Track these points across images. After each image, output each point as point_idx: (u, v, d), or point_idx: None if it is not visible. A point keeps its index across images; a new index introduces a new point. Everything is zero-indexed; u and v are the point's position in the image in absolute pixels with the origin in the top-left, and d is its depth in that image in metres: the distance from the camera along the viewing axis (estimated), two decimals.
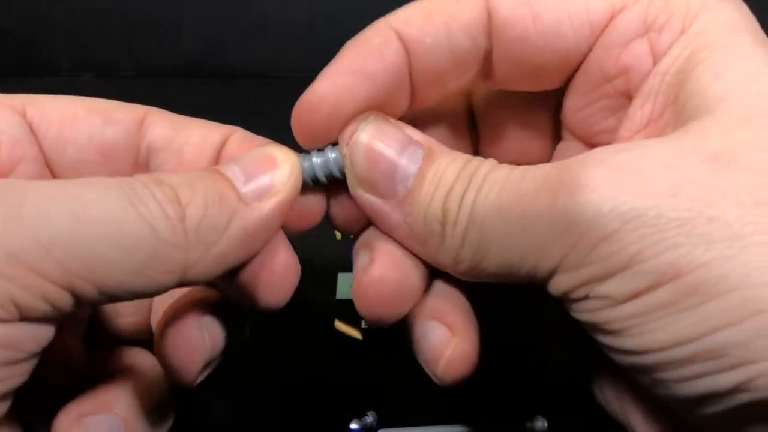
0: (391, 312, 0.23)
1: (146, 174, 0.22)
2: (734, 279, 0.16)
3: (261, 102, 0.62)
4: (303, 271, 0.25)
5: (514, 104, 0.26)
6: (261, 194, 0.22)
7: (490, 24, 0.22)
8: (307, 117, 0.23)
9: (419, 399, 0.34)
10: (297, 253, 0.25)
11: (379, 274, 0.23)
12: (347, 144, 0.23)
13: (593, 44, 0.23)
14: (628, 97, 0.23)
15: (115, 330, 0.27)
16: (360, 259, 0.24)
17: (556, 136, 0.27)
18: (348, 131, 0.23)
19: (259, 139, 0.27)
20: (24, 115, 0.24)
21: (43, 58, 0.67)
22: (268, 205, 0.22)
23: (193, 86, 0.64)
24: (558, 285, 0.19)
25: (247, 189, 0.22)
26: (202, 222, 0.21)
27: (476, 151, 0.28)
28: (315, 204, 0.25)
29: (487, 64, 0.24)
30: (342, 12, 0.65)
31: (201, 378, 0.24)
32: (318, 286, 0.40)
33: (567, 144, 0.26)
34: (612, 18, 0.22)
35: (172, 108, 0.27)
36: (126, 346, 0.28)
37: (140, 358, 0.27)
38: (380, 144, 0.23)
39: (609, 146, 0.19)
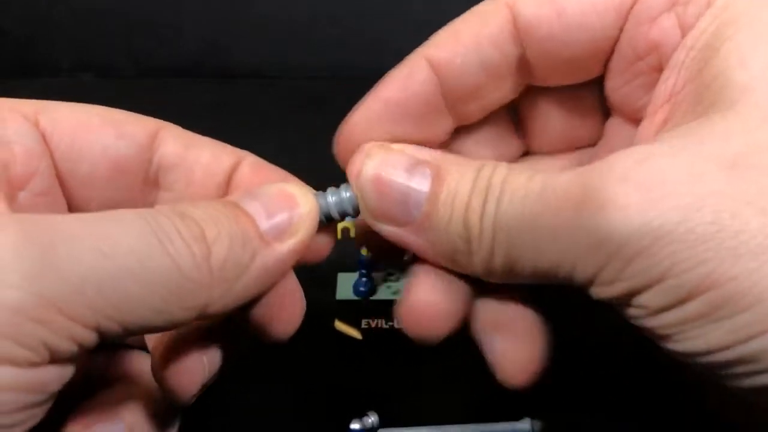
0: (434, 333, 0.24)
1: (168, 206, 0.21)
2: (759, 291, 0.17)
3: (261, 102, 0.62)
4: (303, 271, 0.25)
5: (558, 92, 0.25)
6: (281, 233, 0.22)
7: (516, 29, 0.23)
8: (344, 146, 0.24)
9: (419, 399, 0.34)
10: None
11: (415, 300, 0.23)
12: (356, 181, 0.23)
13: (622, 26, 0.22)
14: (661, 72, 0.22)
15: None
16: (407, 283, 0.24)
17: (604, 115, 0.26)
18: (354, 168, 0.24)
19: (271, 167, 0.27)
20: (36, 124, 0.24)
21: (43, 58, 0.67)
22: (287, 246, 0.22)
23: (193, 86, 0.64)
24: (597, 294, 0.20)
25: (267, 227, 0.22)
26: (226, 261, 0.21)
27: (524, 140, 0.27)
28: (325, 240, 0.25)
29: (524, 68, 0.24)
30: (342, 12, 0.65)
31: (195, 397, 0.24)
32: (318, 287, 0.40)
33: (615, 122, 0.26)
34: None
35: (172, 108, 0.27)
36: (126, 349, 0.28)
37: (142, 363, 0.27)
38: (386, 174, 0.23)
39: (628, 153, 0.19)
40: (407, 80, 0.23)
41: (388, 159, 0.23)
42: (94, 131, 0.24)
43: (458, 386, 0.35)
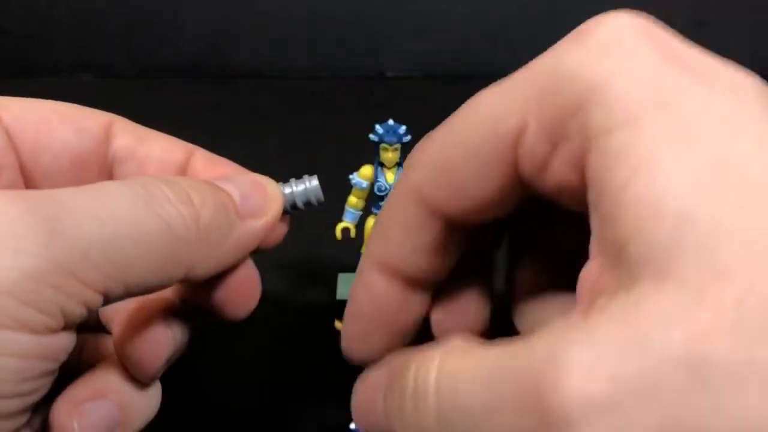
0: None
1: (153, 176, 0.23)
2: None
3: (261, 102, 0.62)
4: (303, 271, 0.25)
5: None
6: (253, 213, 0.25)
7: (430, 208, 0.23)
8: (355, 357, 0.26)
9: None
10: (298, 254, 0.26)
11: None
12: None
13: (515, 179, 0.21)
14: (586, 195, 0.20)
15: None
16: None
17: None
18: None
19: (224, 160, 0.28)
20: (0, 120, 0.25)
21: (43, 58, 0.67)
22: (258, 223, 0.25)
23: (193, 86, 0.64)
24: None
25: (242, 205, 0.25)
26: (211, 225, 0.23)
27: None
28: (281, 227, 0.27)
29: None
30: (342, 12, 0.65)
31: (160, 372, 0.25)
32: (318, 287, 0.40)
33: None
34: (515, 150, 0.20)
35: (172, 108, 0.27)
36: (102, 334, 0.28)
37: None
38: (364, 388, 0.25)
39: (575, 366, 0.16)
40: (367, 291, 0.25)
41: (367, 382, 0.25)
42: (55, 128, 0.26)
43: None
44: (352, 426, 0.33)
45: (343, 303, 0.33)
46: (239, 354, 0.37)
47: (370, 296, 0.25)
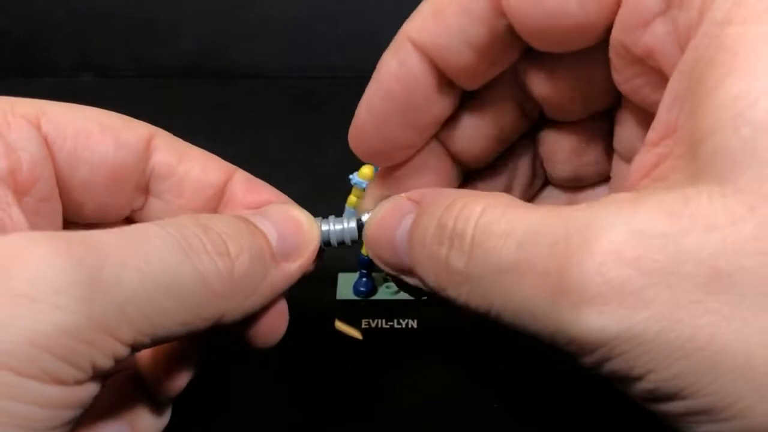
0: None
1: (191, 218, 0.22)
2: (740, 408, 0.16)
3: (261, 102, 0.62)
4: (307, 274, 0.26)
5: (569, 73, 0.24)
6: (288, 255, 0.24)
7: (500, 4, 0.21)
8: (360, 146, 0.25)
9: (419, 399, 0.34)
10: None
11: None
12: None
13: (607, 23, 0.21)
14: (662, 75, 0.20)
15: None
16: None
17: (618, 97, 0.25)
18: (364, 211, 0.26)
19: (263, 183, 0.28)
20: (39, 128, 0.24)
21: (43, 58, 0.67)
22: (294, 266, 0.25)
23: (193, 86, 0.64)
24: (583, 366, 0.19)
25: (278, 248, 0.24)
26: (245, 276, 0.22)
27: (540, 125, 0.27)
28: (315, 262, 0.27)
29: (516, 36, 0.23)
30: (342, 12, 0.65)
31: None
32: (318, 287, 0.40)
33: (625, 112, 0.24)
34: None
35: (172, 108, 0.27)
36: None
37: (129, 362, 0.28)
38: (381, 227, 0.24)
39: (610, 231, 0.17)
40: (400, 68, 0.23)
41: (383, 212, 0.24)
42: (94, 139, 0.25)
43: (459, 386, 0.35)
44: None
45: (342, 303, 0.33)
46: (239, 354, 0.37)
47: (400, 74, 0.23)
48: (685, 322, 0.16)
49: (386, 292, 0.39)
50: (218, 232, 0.22)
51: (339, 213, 0.36)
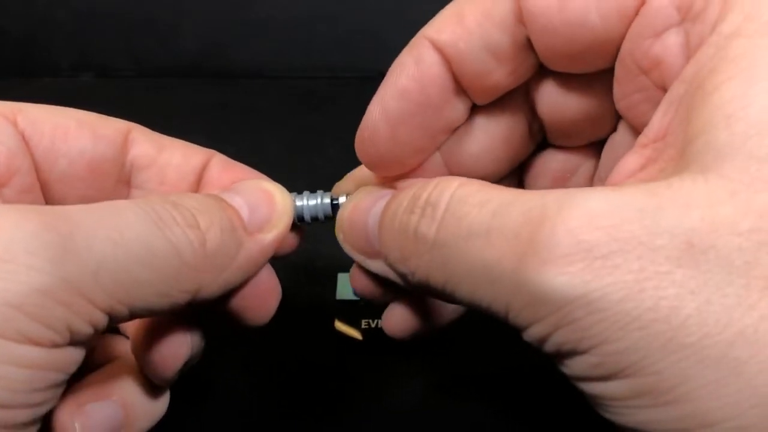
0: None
1: (159, 196, 0.23)
2: (686, 391, 0.16)
3: (261, 102, 0.62)
4: (303, 271, 0.25)
5: (571, 79, 0.24)
6: (262, 226, 0.25)
7: (522, 14, 0.21)
8: (369, 149, 0.24)
9: (419, 399, 0.34)
10: (298, 254, 0.26)
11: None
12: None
13: (625, 32, 0.21)
14: (664, 91, 0.20)
15: None
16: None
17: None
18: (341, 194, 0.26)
19: (239, 165, 0.28)
20: (15, 124, 0.24)
21: (43, 58, 0.67)
22: (268, 238, 0.25)
23: (193, 86, 0.64)
24: (527, 339, 0.19)
25: (251, 220, 0.24)
26: (217, 248, 0.22)
27: (542, 145, 0.27)
28: (293, 237, 0.27)
29: (533, 49, 0.23)
30: (342, 12, 0.65)
31: (176, 376, 0.26)
32: (318, 287, 0.40)
33: (618, 136, 0.24)
34: (642, 2, 0.20)
35: (172, 108, 0.27)
36: (107, 334, 0.29)
37: (125, 346, 0.28)
38: (355, 211, 0.24)
39: (584, 203, 0.17)
40: (417, 67, 0.23)
41: (360, 197, 0.24)
42: (72, 134, 0.25)
43: (459, 386, 0.35)
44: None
45: (342, 303, 0.33)
46: (238, 353, 0.37)
47: (417, 72, 0.23)
48: (649, 292, 0.16)
49: None
50: (187, 207, 0.22)
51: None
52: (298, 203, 0.26)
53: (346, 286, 0.40)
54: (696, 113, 0.17)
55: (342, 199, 0.26)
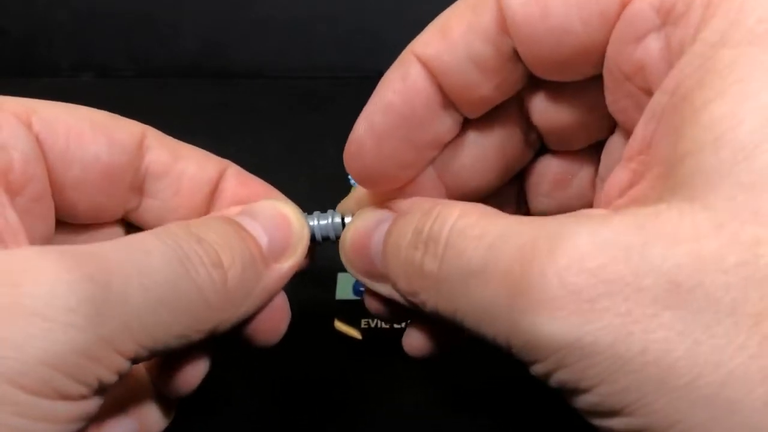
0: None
1: (181, 228, 0.22)
2: (680, 431, 0.16)
3: (261, 102, 0.62)
4: (303, 270, 0.25)
5: (571, 102, 0.24)
6: (279, 256, 0.24)
7: (505, 24, 0.21)
8: (356, 164, 0.24)
9: (419, 399, 0.34)
10: None
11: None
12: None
13: (608, 37, 0.20)
14: (650, 95, 0.20)
15: None
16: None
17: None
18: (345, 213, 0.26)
19: (254, 178, 0.28)
20: (30, 126, 0.24)
21: (43, 58, 0.67)
22: (285, 267, 0.25)
23: (193, 86, 0.64)
24: (534, 374, 0.19)
25: (268, 250, 0.24)
26: (238, 285, 0.22)
27: (540, 150, 0.26)
28: (305, 257, 0.27)
29: (521, 60, 0.22)
30: (342, 12, 0.65)
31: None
32: (318, 286, 0.40)
33: (616, 138, 0.24)
34: (624, 5, 0.19)
35: (172, 108, 0.27)
36: None
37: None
38: (357, 234, 0.24)
39: (575, 239, 0.17)
40: (403, 82, 0.23)
41: (360, 221, 0.24)
42: (87, 138, 0.25)
43: (459, 386, 0.35)
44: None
45: (342, 303, 0.33)
46: (238, 353, 0.37)
47: (403, 87, 0.22)
48: (638, 335, 0.16)
49: None
50: (210, 243, 0.22)
51: None
52: (310, 223, 0.26)
53: (345, 286, 0.40)
54: (684, 130, 0.17)
55: (348, 220, 0.26)
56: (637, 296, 0.16)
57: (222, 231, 0.23)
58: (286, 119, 0.60)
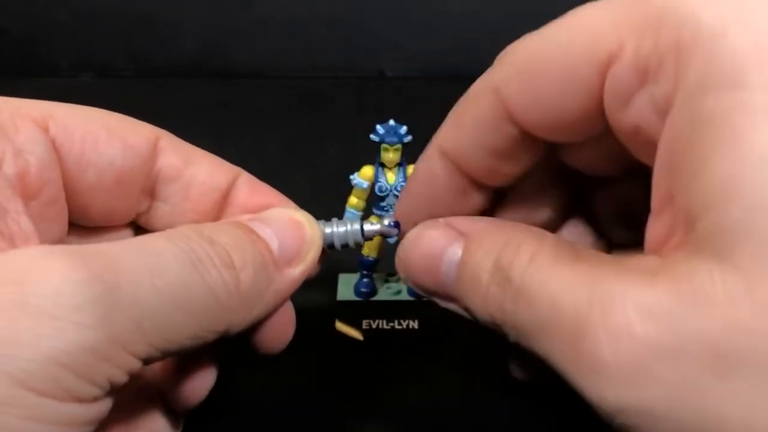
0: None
1: (193, 230, 0.22)
2: None
3: (261, 102, 0.62)
4: (312, 278, 0.26)
5: (596, 146, 0.24)
6: (291, 260, 0.24)
7: (507, 112, 0.22)
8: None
9: (419, 399, 0.34)
10: None
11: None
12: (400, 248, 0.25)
13: (599, 107, 0.20)
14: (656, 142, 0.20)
15: None
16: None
17: None
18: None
19: (266, 186, 0.28)
20: (46, 130, 0.24)
21: (43, 58, 0.67)
22: (296, 271, 0.25)
23: (193, 86, 0.64)
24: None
25: (280, 254, 0.24)
26: (250, 287, 0.22)
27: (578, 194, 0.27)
28: (317, 264, 0.27)
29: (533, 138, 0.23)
30: (342, 12, 0.65)
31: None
32: (319, 288, 0.40)
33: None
34: (605, 73, 0.19)
35: (172, 108, 0.27)
36: None
37: (144, 370, 0.28)
38: (424, 244, 0.24)
39: (620, 313, 0.17)
40: (427, 174, 0.24)
41: (424, 238, 0.24)
42: (102, 143, 0.25)
43: (461, 387, 0.35)
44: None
45: (343, 303, 0.33)
46: (238, 353, 0.37)
47: (429, 180, 0.24)
48: (692, 402, 0.16)
49: (387, 292, 0.39)
50: (222, 245, 0.22)
51: (339, 214, 0.36)
52: (327, 230, 0.26)
53: (346, 287, 0.40)
54: (693, 188, 0.17)
55: (371, 226, 0.26)
56: (685, 364, 0.16)
57: (233, 234, 0.23)
58: (286, 119, 0.60)
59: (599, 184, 0.26)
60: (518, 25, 0.25)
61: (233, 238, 0.23)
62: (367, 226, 0.26)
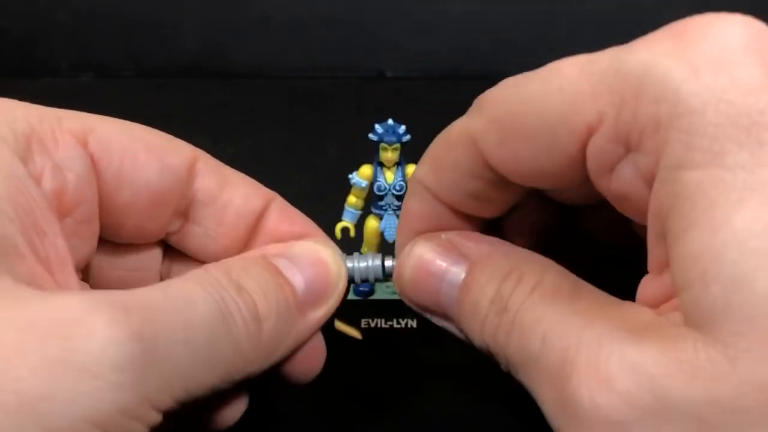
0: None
1: (224, 274, 0.22)
2: None
3: (261, 102, 0.62)
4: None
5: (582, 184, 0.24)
6: (315, 303, 0.24)
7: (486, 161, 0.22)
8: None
9: (419, 399, 0.34)
10: None
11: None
12: (398, 264, 0.25)
13: (581, 170, 0.20)
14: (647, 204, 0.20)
15: None
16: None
17: None
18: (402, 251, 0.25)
19: (296, 213, 0.27)
20: (85, 145, 0.23)
21: (43, 58, 0.67)
22: (319, 314, 0.25)
23: (193, 86, 0.64)
24: None
25: (304, 296, 0.24)
26: (272, 337, 0.22)
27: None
28: None
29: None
30: (342, 12, 0.65)
31: None
32: None
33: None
34: (585, 142, 0.19)
35: (172, 108, 0.27)
36: None
37: None
38: (425, 262, 0.24)
39: (603, 368, 0.18)
40: (418, 204, 0.24)
41: (424, 256, 0.24)
42: (140, 161, 0.24)
43: (459, 386, 0.35)
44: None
45: (343, 303, 0.33)
46: None
47: (418, 210, 0.24)
48: None
49: (386, 291, 0.39)
50: (249, 292, 0.22)
51: (339, 213, 0.36)
52: (349, 265, 0.26)
53: None
54: (674, 262, 0.17)
55: (392, 263, 0.26)
56: (666, 428, 0.17)
57: (261, 279, 0.23)
58: (286, 119, 0.60)
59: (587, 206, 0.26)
60: (518, 25, 0.26)
61: (261, 284, 0.23)
62: (388, 263, 0.26)
